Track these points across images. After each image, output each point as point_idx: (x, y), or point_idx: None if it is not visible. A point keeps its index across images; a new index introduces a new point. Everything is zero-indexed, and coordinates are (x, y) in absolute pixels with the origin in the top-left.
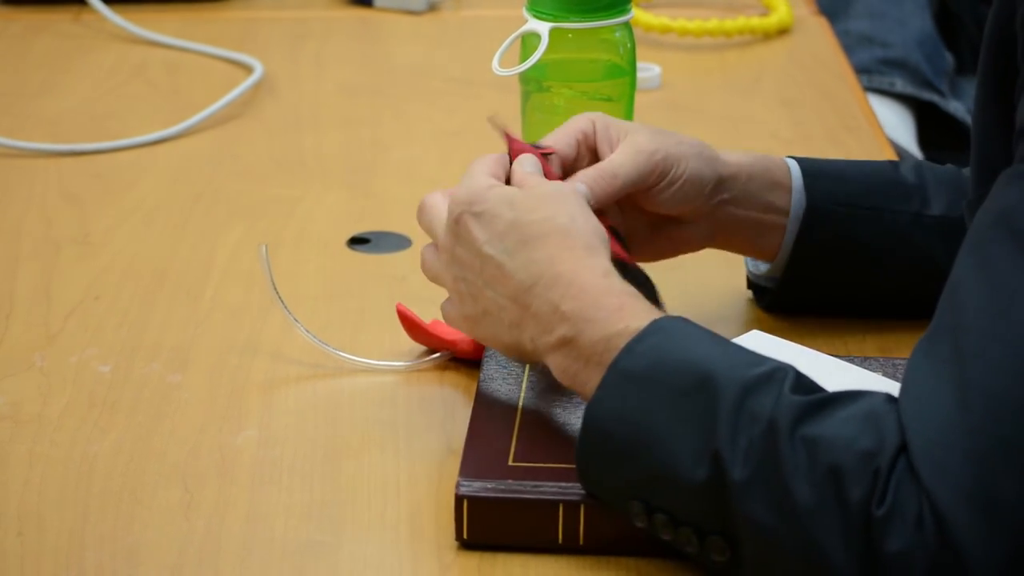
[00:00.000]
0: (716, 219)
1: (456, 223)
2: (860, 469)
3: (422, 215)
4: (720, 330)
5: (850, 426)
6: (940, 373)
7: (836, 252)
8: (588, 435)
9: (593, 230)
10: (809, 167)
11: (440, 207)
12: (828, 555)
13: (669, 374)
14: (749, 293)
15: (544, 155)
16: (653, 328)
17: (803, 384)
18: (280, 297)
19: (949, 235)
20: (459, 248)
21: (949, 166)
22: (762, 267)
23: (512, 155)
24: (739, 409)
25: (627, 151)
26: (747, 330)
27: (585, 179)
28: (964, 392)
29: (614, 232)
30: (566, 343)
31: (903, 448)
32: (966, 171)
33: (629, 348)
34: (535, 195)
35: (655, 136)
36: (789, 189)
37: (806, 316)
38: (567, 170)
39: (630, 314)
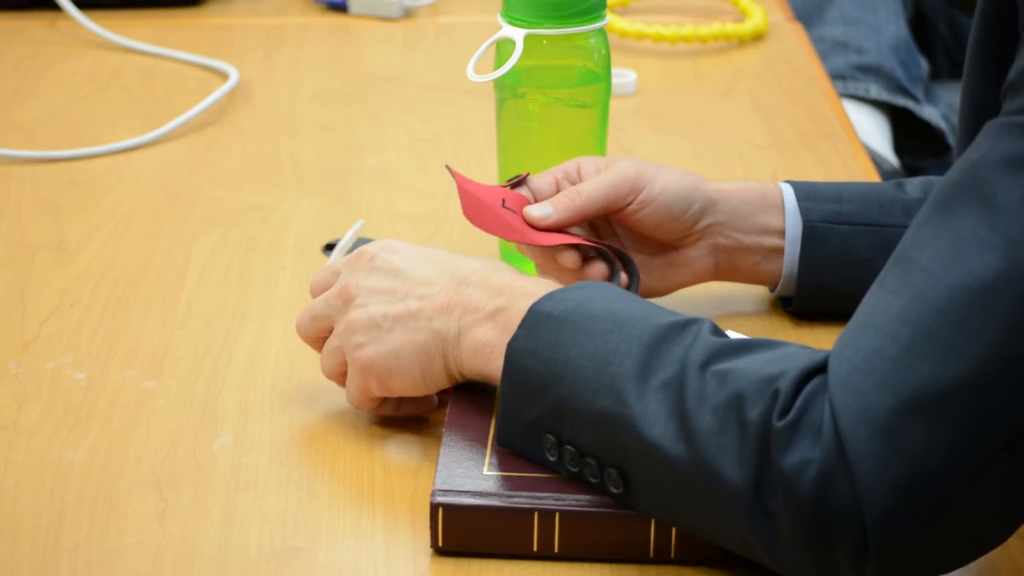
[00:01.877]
0: (714, 243)
1: (372, 259)
2: (759, 391)
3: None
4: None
5: (760, 360)
6: (882, 301)
7: (842, 268)
8: (506, 373)
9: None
10: (803, 189)
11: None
12: (724, 474)
13: (585, 318)
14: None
15: (514, 184)
16: (579, 285)
17: (720, 332)
18: None
19: None
20: (371, 278)
21: None
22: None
23: (461, 193)
24: (653, 349)
25: (600, 175)
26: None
27: (552, 200)
28: (897, 324)
29: (620, 255)
30: (498, 312)
31: (816, 371)
32: None
33: (551, 295)
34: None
35: (634, 162)
36: (782, 209)
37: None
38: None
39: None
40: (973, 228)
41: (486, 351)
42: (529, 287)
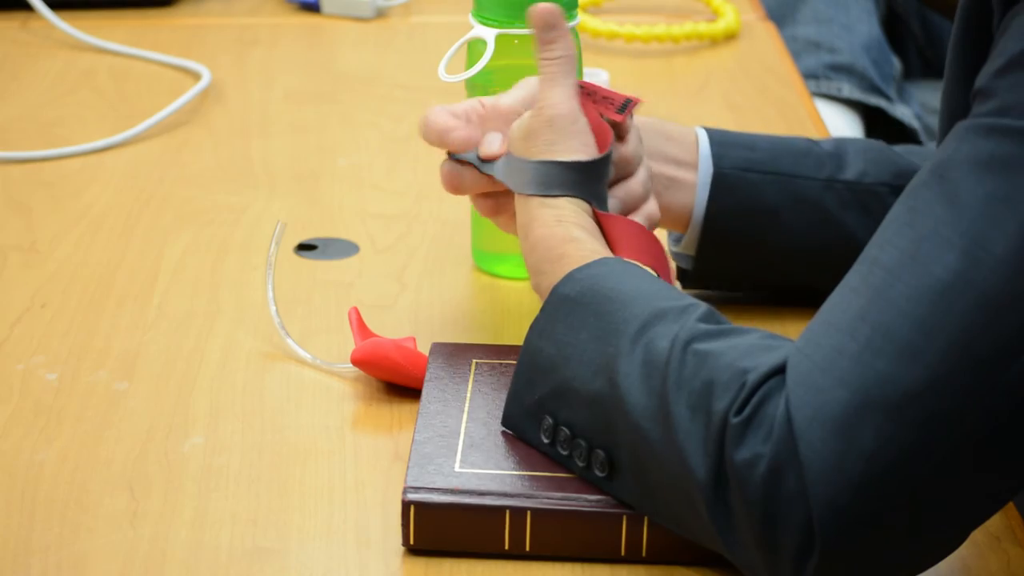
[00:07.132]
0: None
1: None
2: (730, 382)
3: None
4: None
5: (741, 348)
6: (844, 300)
7: (746, 219)
8: (522, 355)
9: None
10: (718, 135)
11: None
12: (690, 462)
13: (596, 299)
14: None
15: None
16: (598, 262)
17: (713, 317)
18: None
19: (861, 201)
20: None
21: (876, 141)
22: (678, 243)
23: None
24: (643, 329)
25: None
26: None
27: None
28: (857, 322)
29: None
30: (537, 290)
31: (781, 369)
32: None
33: (570, 275)
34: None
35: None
36: (694, 147)
37: (740, 307)
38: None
39: (569, 262)
40: (935, 227)
41: None
42: (541, 266)
